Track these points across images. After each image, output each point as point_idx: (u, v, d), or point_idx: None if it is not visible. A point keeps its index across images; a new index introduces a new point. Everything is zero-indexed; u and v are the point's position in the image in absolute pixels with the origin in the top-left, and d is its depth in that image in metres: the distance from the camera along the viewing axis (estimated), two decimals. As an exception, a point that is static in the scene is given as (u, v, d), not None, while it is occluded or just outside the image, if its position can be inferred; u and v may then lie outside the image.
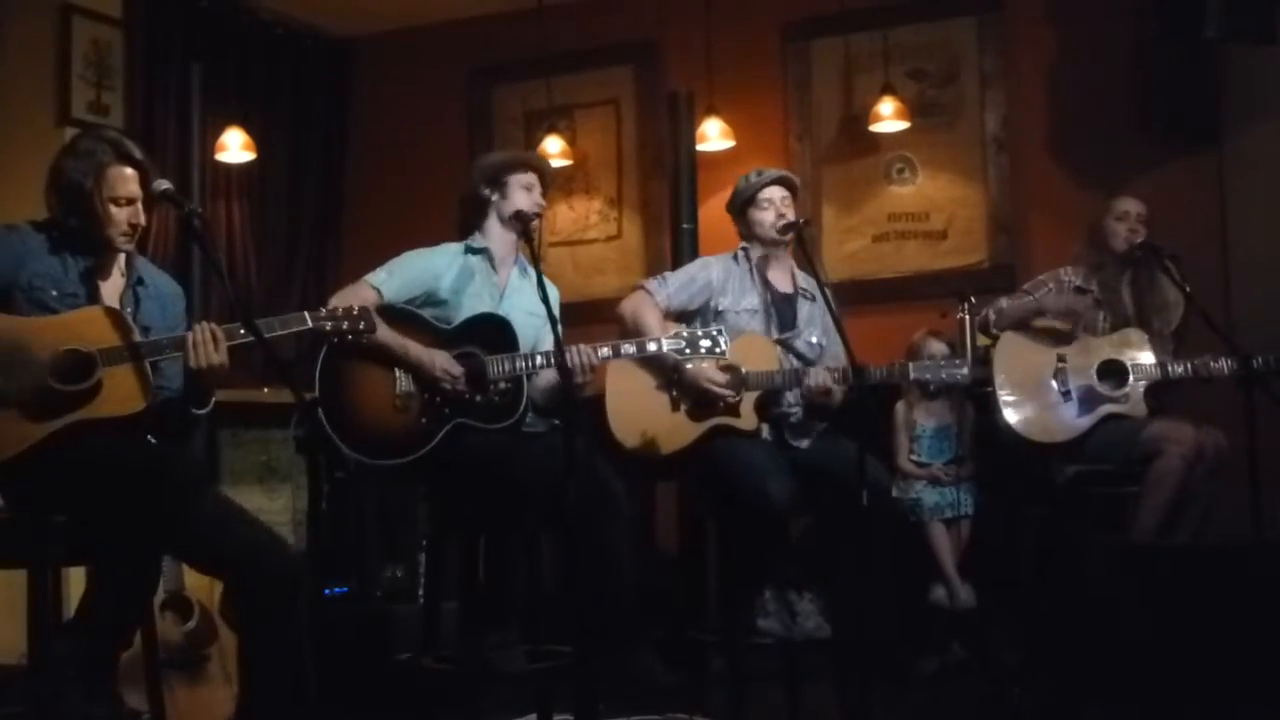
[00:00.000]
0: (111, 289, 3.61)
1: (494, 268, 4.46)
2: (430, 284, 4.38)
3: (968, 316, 5.56)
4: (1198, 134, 5.89)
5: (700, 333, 4.29)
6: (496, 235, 4.49)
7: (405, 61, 7.32)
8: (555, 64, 6.81)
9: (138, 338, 3.47)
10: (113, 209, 3.54)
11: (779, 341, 4.69)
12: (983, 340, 5.39)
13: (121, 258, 3.65)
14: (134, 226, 3.57)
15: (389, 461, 4.25)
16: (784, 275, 4.85)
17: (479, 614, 4.14)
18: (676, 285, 4.76)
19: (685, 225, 6.38)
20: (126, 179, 3.56)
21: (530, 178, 4.49)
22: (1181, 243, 5.12)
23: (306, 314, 3.66)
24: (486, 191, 4.50)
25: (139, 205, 3.58)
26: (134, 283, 3.65)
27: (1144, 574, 3.76)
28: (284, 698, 3.36)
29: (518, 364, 4.22)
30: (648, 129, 6.90)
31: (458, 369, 4.22)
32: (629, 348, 4.30)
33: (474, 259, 4.46)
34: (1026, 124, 6.28)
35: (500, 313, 4.40)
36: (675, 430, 4.60)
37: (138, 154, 3.60)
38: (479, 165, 4.58)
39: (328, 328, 3.68)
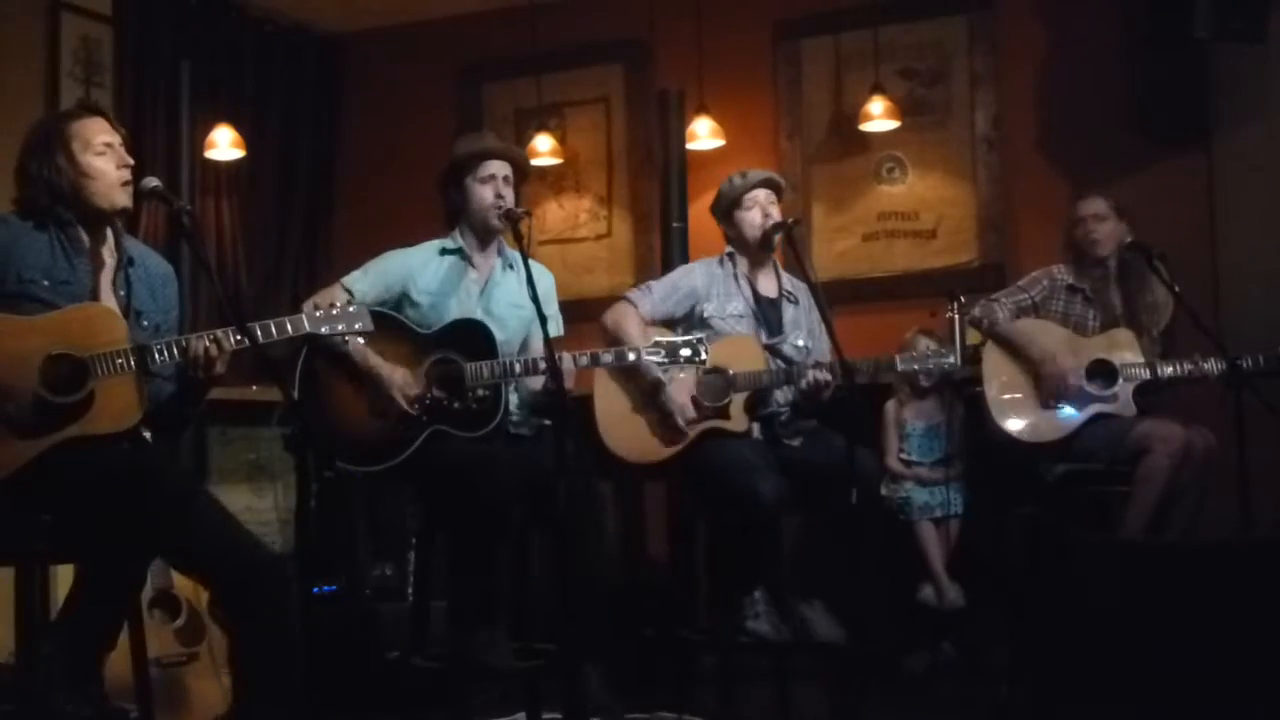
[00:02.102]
0: (103, 272, 3.52)
1: (471, 265, 4.44)
2: (404, 283, 4.36)
3: (957, 315, 5.57)
4: (1187, 133, 5.90)
5: (680, 341, 4.28)
6: (469, 235, 4.46)
7: (395, 59, 7.31)
8: (545, 62, 6.80)
9: (133, 342, 3.39)
10: (95, 161, 3.45)
11: (766, 347, 4.69)
12: (973, 338, 5.39)
13: (110, 238, 3.56)
14: (125, 169, 3.47)
15: (366, 468, 4.23)
16: (769, 279, 4.85)
17: (467, 612, 4.12)
18: (660, 294, 4.75)
19: (675, 224, 6.37)
20: (95, 126, 3.48)
21: (488, 168, 4.40)
22: (1171, 242, 5.12)
23: (304, 317, 3.58)
24: (452, 194, 4.46)
25: (119, 149, 3.49)
26: (124, 264, 3.55)
27: (1133, 573, 3.76)
28: (274, 699, 3.34)
29: (495, 370, 4.20)
30: (638, 127, 6.90)
31: (414, 390, 4.20)
32: (607, 357, 4.30)
33: (450, 259, 4.43)
34: (1016, 123, 6.28)
35: (482, 309, 4.39)
36: (666, 439, 4.60)
37: (97, 106, 3.56)
38: (451, 160, 4.48)
39: (324, 329, 3.61)
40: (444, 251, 4.44)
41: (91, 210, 3.48)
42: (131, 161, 3.52)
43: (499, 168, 4.42)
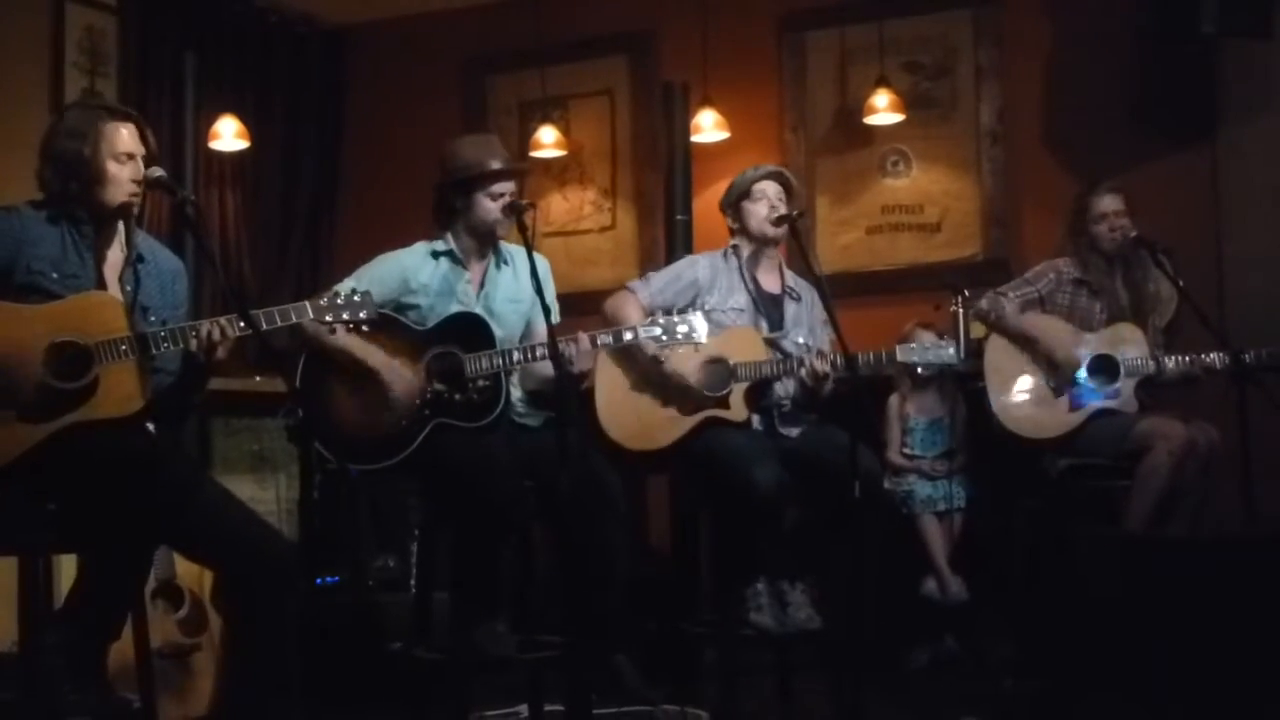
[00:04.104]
0: (111, 266, 3.54)
1: (464, 266, 4.42)
2: (400, 286, 4.34)
3: (960, 309, 5.56)
4: (1193, 128, 5.89)
5: (677, 319, 4.27)
6: (464, 239, 4.44)
7: (400, 50, 7.30)
8: (550, 54, 6.80)
9: (136, 330, 3.40)
10: (113, 166, 3.47)
11: (767, 341, 4.68)
12: (976, 332, 5.39)
13: (121, 232, 3.58)
14: (138, 183, 3.51)
15: (370, 466, 4.23)
16: (772, 275, 4.85)
17: (470, 605, 4.13)
18: (661, 284, 4.76)
19: (679, 216, 6.36)
20: (123, 135, 3.51)
21: (501, 186, 4.38)
22: (1175, 237, 5.12)
23: (308, 304, 3.59)
24: (453, 199, 4.41)
25: (139, 161, 3.52)
26: (134, 259, 3.57)
27: (1136, 567, 3.76)
28: (275, 687, 3.34)
29: (495, 361, 4.19)
30: (642, 120, 6.89)
31: (416, 385, 4.18)
32: (605, 337, 4.29)
33: (441, 260, 4.41)
34: (1021, 117, 6.27)
35: (480, 308, 4.38)
36: (666, 424, 4.60)
37: (131, 110, 3.58)
38: (448, 167, 4.42)
39: (328, 318, 3.62)
40: (435, 254, 4.42)
41: (97, 206, 3.51)
42: (142, 177, 3.53)
43: (509, 185, 4.41)
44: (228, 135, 6.59)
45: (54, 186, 3.49)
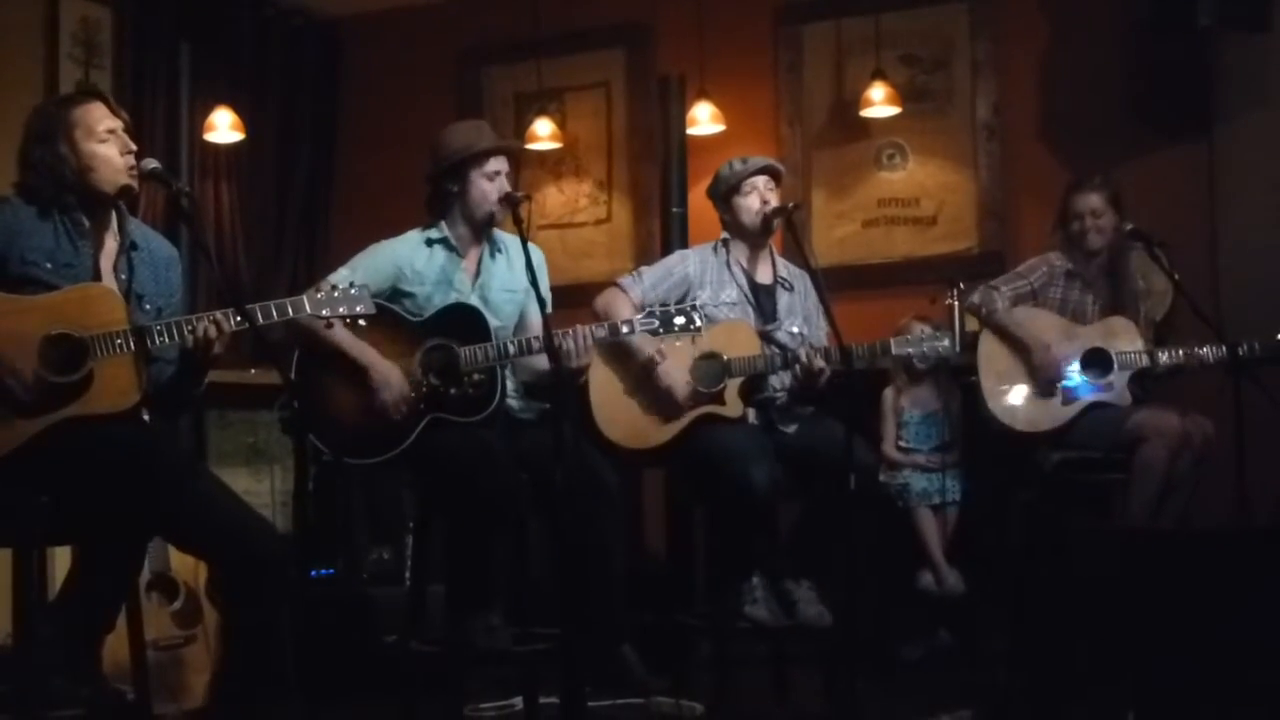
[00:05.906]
0: (105, 254, 3.52)
1: (459, 254, 4.42)
2: (395, 275, 4.33)
3: (956, 302, 5.56)
4: (1189, 122, 5.88)
5: (674, 309, 4.26)
6: (460, 226, 4.43)
7: (395, 42, 7.29)
8: (546, 46, 6.79)
9: (132, 322, 3.39)
10: (99, 149, 3.45)
11: (761, 334, 4.68)
12: (971, 325, 5.39)
13: (114, 221, 3.57)
14: (129, 155, 3.47)
15: (366, 460, 4.22)
16: (764, 265, 4.85)
17: (465, 597, 4.12)
18: (652, 280, 4.75)
19: (675, 209, 6.37)
20: (97, 112, 3.48)
21: (494, 164, 4.39)
22: (1171, 230, 5.11)
23: (305, 299, 3.57)
24: (448, 184, 4.42)
25: (122, 134, 3.49)
26: (127, 247, 3.56)
27: (1131, 560, 3.76)
28: (269, 679, 3.34)
29: (490, 353, 4.18)
30: (638, 112, 6.89)
31: (408, 393, 4.16)
32: (601, 331, 4.28)
33: (436, 249, 4.40)
34: (1017, 111, 6.27)
35: (475, 297, 4.37)
36: (661, 422, 4.60)
37: (91, 87, 3.56)
38: (440, 154, 4.43)
39: (325, 312, 3.60)
40: (430, 242, 4.41)
41: (96, 195, 3.49)
42: (134, 147, 3.52)
43: (502, 163, 4.41)
44: (223, 127, 6.58)
45: (46, 192, 3.46)
